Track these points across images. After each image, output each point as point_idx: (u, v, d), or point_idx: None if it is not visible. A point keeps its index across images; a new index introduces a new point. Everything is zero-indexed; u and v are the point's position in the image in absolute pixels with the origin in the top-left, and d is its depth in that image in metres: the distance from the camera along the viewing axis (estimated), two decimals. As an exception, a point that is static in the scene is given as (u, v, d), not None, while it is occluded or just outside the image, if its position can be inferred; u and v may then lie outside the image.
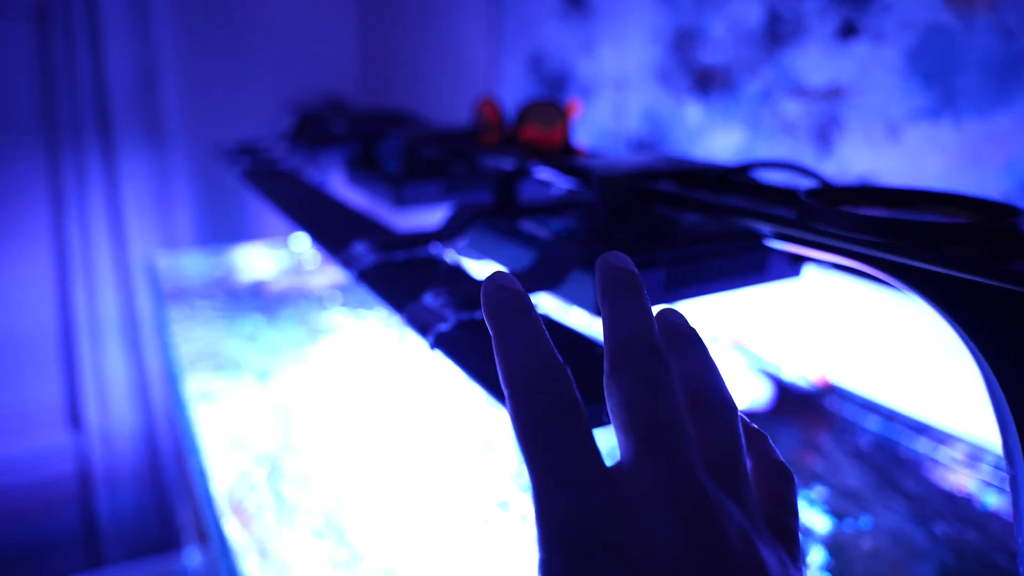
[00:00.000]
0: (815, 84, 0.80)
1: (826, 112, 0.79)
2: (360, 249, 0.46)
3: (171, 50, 1.84)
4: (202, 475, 0.73)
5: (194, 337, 1.08)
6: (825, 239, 0.32)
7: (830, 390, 0.75)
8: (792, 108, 0.83)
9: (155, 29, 1.80)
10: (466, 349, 0.34)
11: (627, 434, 0.21)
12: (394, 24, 1.92)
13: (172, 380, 0.98)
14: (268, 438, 0.79)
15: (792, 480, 0.25)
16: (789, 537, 0.23)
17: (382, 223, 0.59)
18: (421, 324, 0.35)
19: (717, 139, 0.92)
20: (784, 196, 0.42)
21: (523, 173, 0.48)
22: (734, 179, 0.44)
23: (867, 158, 0.76)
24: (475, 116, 0.63)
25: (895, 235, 0.30)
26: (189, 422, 0.83)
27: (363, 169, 0.70)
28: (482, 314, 0.37)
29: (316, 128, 0.93)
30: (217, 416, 0.84)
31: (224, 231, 2.07)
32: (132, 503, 2.04)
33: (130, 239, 1.87)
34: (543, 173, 0.48)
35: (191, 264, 1.54)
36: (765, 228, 0.35)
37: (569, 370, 0.23)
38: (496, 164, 0.57)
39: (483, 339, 0.35)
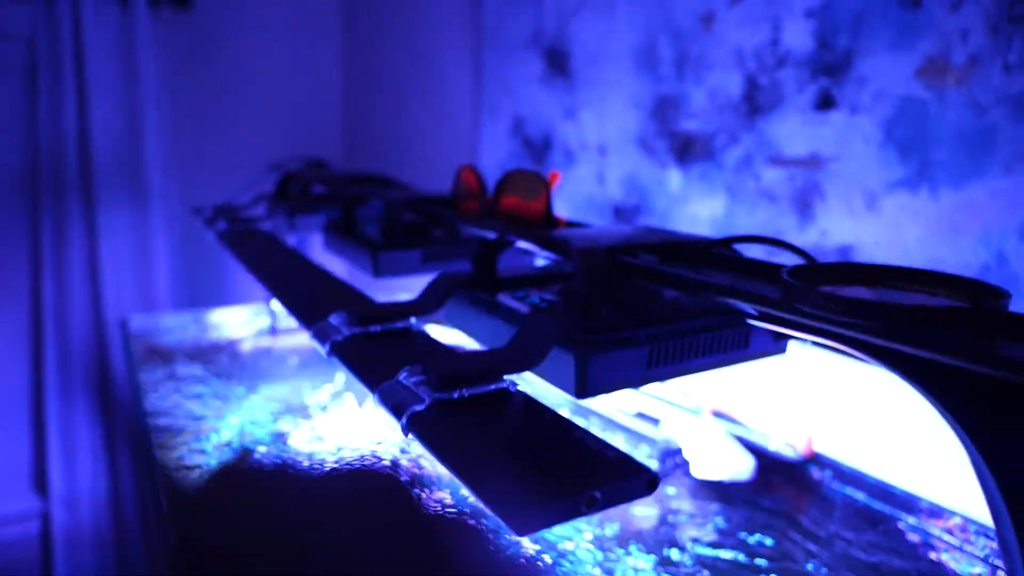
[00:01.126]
0: (794, 153, 0.81)
1: (806, 181, 0.80)
2: (334, 321, 0.45)
3: (156, 110, 1.84)
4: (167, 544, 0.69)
5: (166, 401, 1.05)
6: (808, 320, 0.31)
7: (815, 460, 0.74)
8: (772, 176, 0.83)
9: (142, 89, 1.81)
10: (440, 433, 0.32)
11: None
12: (379, 89, 1.94)
13: (142, 447, 0.95)
14: (240, 505, 0.76)
15: None
16: None
17: (358, 291, 0.58)
18: (394, 405, 0.34)
19: (699, 206, 0.93)
20: (766, 271, 0.41)
21: (503, 244, 0.48)
22: (716, 252, 0.44)
23: (847, 227, 0.76)
24: (455, 183, 0.63)
25: (879, 318, 0.29)
26: (157, 488, 0.80)
27: (341, 234, 0.70)
28: (459, 394, 0.35)
29: (296, 189, 0.92)
30: (187, 484, 0.81)
31: (204, 294, 2.05)
32: (94, 571, 1.96)
33: (106, 299, 1.84)
34: (523, 244, 0.47)
35: (168, 327, 1.51)
36: (747, 307, 0.35)
37: None
38: (476, 233, 0.56)
39: (458, 421, 0.33)
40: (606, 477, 0.28)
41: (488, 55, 1.34)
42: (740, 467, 0.73)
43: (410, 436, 0.33)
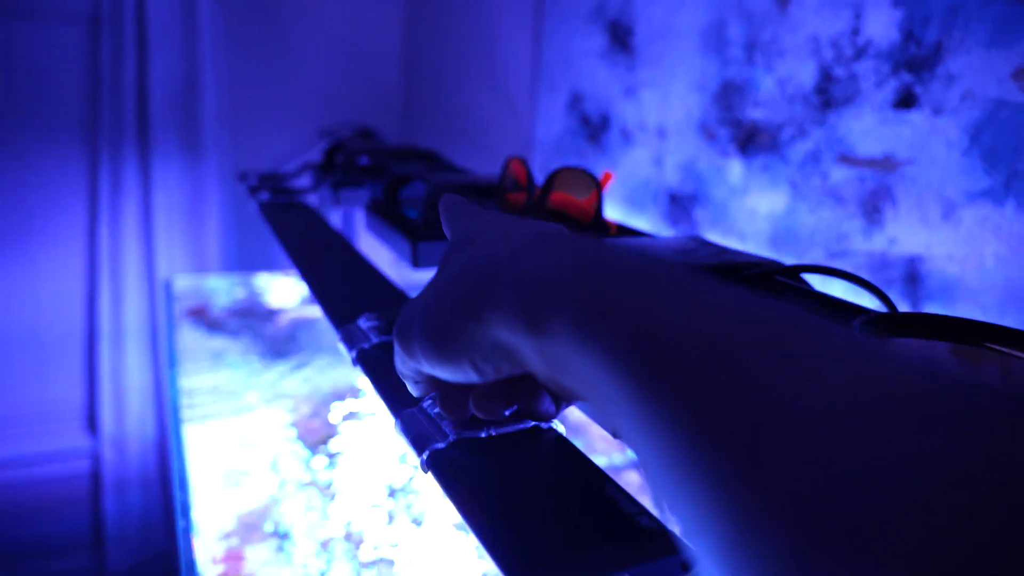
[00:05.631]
0: (867, 153, 0.75)
1: (877, 183, 0.75)
2: (364, 325, 0.43)
3: (214, 65, 1.84)
4: (184, 498, 0.70)
5: (201, 361, 1.06)
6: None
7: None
8: (840, 175, 0.78)
9: (201, 43, 1.80)
10: (461, 476, 0.30)
11: None
12: (437, 56, 1.90)
13: (174, 406, 0.96)
14: (260, 466, 0.77)
15: None
16: None
17: (395, 286, 0.56)
18: (415, 437, 0.32)
19: (759, 199, 0.88)
20: (836, 309, 0.37)
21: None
22: (780, 280, 0.40)
23: (919, 237, 0.71)
24: (502, 172, 0.60)
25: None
26: (181, 448, 0.81)
27: (383, 215, 0.67)
28: (486, 432, 0.32)
29: (342, 159, 0.90)
30: (209, 441, 0.81)
31: (252, 254, 2.07)
32: (139, 510, 2.03)
33: (157, 249, 1.87)
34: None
35: (212, 287, 1.53)
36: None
37: None
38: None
39: (482, 464, 0.31)
40: (636, 553, 0.25)
41: (550, 26, 1.29)
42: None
43: (428, 473, 0.30)
